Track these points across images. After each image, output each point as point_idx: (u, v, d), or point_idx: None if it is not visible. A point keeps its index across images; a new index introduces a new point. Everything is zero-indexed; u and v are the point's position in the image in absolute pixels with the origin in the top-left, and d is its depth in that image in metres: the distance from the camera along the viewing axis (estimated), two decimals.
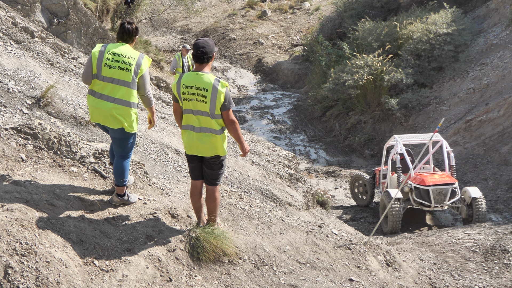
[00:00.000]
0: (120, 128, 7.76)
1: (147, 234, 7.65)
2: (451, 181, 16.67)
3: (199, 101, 7.43)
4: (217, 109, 7.45)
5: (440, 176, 17.03)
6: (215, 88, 7.39)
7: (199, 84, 7.42)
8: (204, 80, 7.42)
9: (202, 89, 7.40)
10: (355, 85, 25.25)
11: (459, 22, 25.39)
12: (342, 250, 9.53)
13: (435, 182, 16.63)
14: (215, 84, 7.40)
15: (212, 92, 7.38)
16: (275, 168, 13.75)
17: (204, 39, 7.56)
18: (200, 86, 7.41)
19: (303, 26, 40.09)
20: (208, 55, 7.50)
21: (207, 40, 7.54)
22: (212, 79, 7.43)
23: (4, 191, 7.11)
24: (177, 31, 42.20)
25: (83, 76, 7.86)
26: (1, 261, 5.93)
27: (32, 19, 18.32)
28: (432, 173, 17.56)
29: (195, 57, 7.53)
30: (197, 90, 7.41)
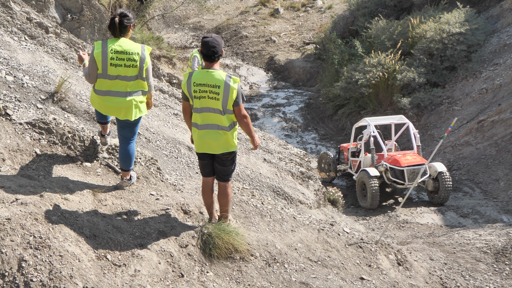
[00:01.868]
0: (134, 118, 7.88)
1: (159, 229, 7.67)
2: (422, 162, 18.86)
3: (211, 98, 7.43)
4: (230, 105, 7.46)
5: (412, 157, 19.20)
6: (227, 85, 7.39)
7: (211, 81, 7.41)
8: (216, 77, 7.43)
9: (214, 86, 7.39)
10: (367, 83, 25.22)
11: (472, 22, 25.33)
12: (353, 249, 9.53)
13: (409, 163, 18.83)
14: (227, 81, 7.40)
15: (225, 89, 7.39)
16: (287, 166, 13.76)
17: (213, 37, 7.52)
18: (212, 83, 7.40)
19: (316, 24, 40.04)
20: (218, 53, 7.50)
21: (216, 38, 7.51)
22: (223, 76, 7.44)
23: (18, 185, 7.15)
24: (190, 28, 42.24)
25: (88, 78, 7.90)
26: (15, 254, 5.97)
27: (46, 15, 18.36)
28: (403, 154, 19.69)
29: (205, 56, 7.50)
30: (209, 88, 7.41)
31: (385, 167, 19.04)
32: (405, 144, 22.61)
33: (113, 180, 8.61)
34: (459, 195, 18.80)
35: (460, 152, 21.26)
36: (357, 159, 20.92)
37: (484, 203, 17.96)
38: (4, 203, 6.59)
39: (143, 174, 8.95)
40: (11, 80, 10.04)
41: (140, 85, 7.88)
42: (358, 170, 20.23)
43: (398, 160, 19.00)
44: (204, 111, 7.52)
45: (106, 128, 8.82)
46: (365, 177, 18.88)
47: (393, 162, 19.04)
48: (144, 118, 11.96)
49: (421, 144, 20.36)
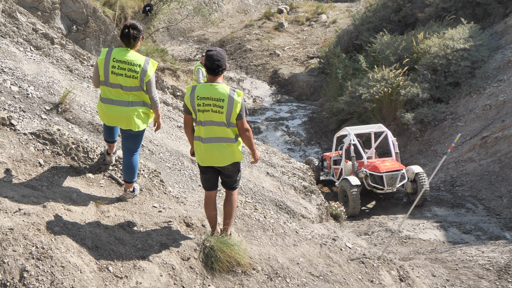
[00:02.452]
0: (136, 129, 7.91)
1: (161, 242, 7.67)
2: (400, 168, 20.05)
3: (215, 111, 7.43)
4: (233, 118, 7.47)
5: (390, 164, 20.27)
6: (231, 98, 7.40)
7: (215, 95, 7.42)
8: (220, 90, 7.43)
9: (218, 100, 7.40)
10: (371, 98, 25.25)
11: (476, 38, 25.39)
12: (355, 264, 9.51)
13: (387, 169, 19.92)
14: (231, 94, 7.41)
15: (229, 102, 7.39)
16: (290, 180, 13.75)
17: (217, 50, 7.52)
18: (216, 97, 7.41)
19: (320, 38, 40.11)
20: (222, 67, 7.51)
21: (220, 52, 7.51)
22: (227, 89, 7.45)
23: (21, 195, 7.16)
24: (194, 41, 42.32)
25: (93, 82, 8.13)
26: (17, 264, 5.97)
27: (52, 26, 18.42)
28: (382, 160, 20.75)
29: (209, 69, 7.50)
30: (212, 101, 7.41)
31: (365, 173, 20.12)
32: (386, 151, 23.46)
33: (116, 191, 8.61)
34: (462, 211, 18.76)
35: (463, 168, 21.23)
36: (338, 167, 22.05)
37: (487, 219, 17.92)
38: (7, 213, 6.60)
39: (146, 186, 8.96)
40: (16, 90, 10.06)
41: (143, 96, 7.91)
42: (340, 177, 21.47)
43: (377, 166, 20.10)
44: (208, 124, 7.53)
45: (113, 147, 8.85)
46: (346, 186, 19.82)
47: (373, 168, 20.15)
48: (148, 130, 11.96)
49: (424, 159, 20.74)
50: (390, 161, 20.55)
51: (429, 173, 20.84)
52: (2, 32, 11.92)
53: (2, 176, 7.52)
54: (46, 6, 18.76)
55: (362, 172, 20.19)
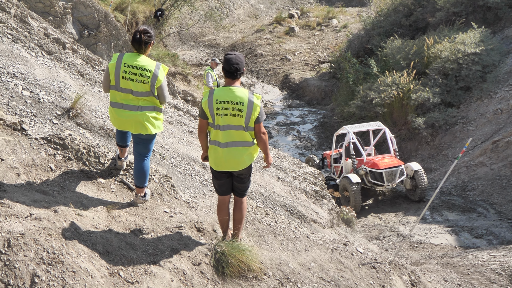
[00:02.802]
0: (146, 133, 7.90)
1: (172, 247, 7.66)
2: (399, 164, 20.67)
3: (234, 115, 7.40)
4: (252, 122, 7.44)
5: (389, 160, 20.85)
6: (250, 102, 7.38)
7: (234, 98, 7.39)
8: (239, 94, 7.40)
9: (238, 103, 7.37)
10: (382, 103, 25.21)
11: (487, 42, 25.30)
12: (367, 269, 9.47)
13: (387, 165, 20.53)
14: (250, 98, 7.39)
15: (248, 106, 7.37)
16: (301, 185, 13.73)
17: (236, 54, 7.49)
18: (236, 101, 7.38)
19: (331, 43, 40.12)
20: (240, 71, 7.48)
21: (239, 56, 7.49)
22: (246, 93, 7.43)
23: (32, 200, 7.16)
24: (205, 46, 42.38)
25: (102, 86, 8.11)
26: (28, 269, 5.97)
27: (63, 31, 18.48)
28: (381, 157, 21.34)
29: (227, 73, 7.48)
30: (232, 105, 7.38)
31: (365, 170, 20.79)
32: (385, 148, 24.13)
33: (127, 196, 8.61)
34: (473, 216, 18.68)
35: (474, 173, 21.15)
36: (339, 165, 22.75)
37: (499, 224, 17.83)
38: (18, 218, 6.60)
39: (157, 191, 8.96)
40: (28, 95, 10.09)
41: (153, 101, 7.91)
42: (340, 175, 22.21)
43: (376, 163, 20.71)
44: (226, 128, 7.50)
45: (124, 152, 8.85)
46: (347, 183, 20.33)
47: (372, 165, 20.77)
48: (159, 135, 11.98)
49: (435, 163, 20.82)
50: (389, 158, 21.17)
51: (441, 178, 20.79)
52: (14, 37, 11.97)
53: (13, 181, 7.53)
54: (58, 11, 18.82)
55: (362, 170, 20.87)
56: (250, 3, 49.03)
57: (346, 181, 20.48)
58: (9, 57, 11.08)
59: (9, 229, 6.30)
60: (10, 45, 11.63)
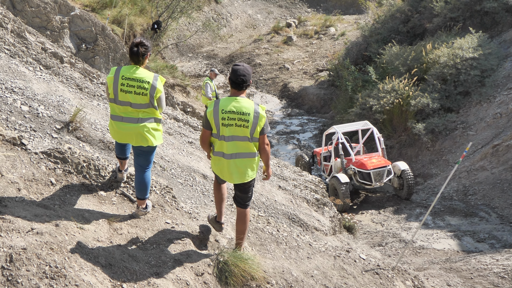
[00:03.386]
0: (147, 145, 7.90)
1: (175, 258, 7.65)
2: (386, 164, 21.48)
3: (239, 126, 7.41)
4: (257, 132, 7.45)
5: (377, 160, 21.63)
6: (256, 112, 7.39)
7: (240, 109, 7.39)
8: (245, 105, 7.41)
9: (244, 114, 7.37)
10: (381, 110, 25.21)
11: (485, 47, 25.32)
12: (370, 275, 9.46)
13: (374, 166, 21.34)
14: (256, 109, 7.40)
15: (254, 116, 7.37)
16: (302, 193, 13.72)
17: (244, 66, 7.49)
18: (242, 111, 7.38)
19: (329, 51, 40.15)
20: (247, 83, 7.49)
21: (247, 68, 7.49)
22: (252, 104, 7.43)
23: (34, 215, 7.15)
24: (203, 57, 42.42)
25: (108, 99, 8.11)
26: (31, 284, 5.95)
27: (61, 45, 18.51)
28: (369, 157, 22.06)
29: (234, 83, 7.48)
30: (238, 115, 7.38)
31: (354, 170, 21.71)
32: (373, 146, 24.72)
33: (129, 209, 8.60)
34: (475, 220, 18.66)
35: (475, 177, 21.14)
36: (328, 163, 23.44)
37: (501, 227, 17.81)
38: (20, 233, 6.59)
39: (158, 203, 8.95)
40: (26, 110, 10.10)
41: (153, 112, 7.91)
42: (330, 173, 23.03)
43: (364, 163, 21.51)
44: (231, 139, 7.50)
45: (124, 164, 8.86)
46: (336, 183, 21.05)
47: (360, 166, 21.60)
48: (159, 146, 11.98)
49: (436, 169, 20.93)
50: (376, 158, 21.97)
51: (442, 183, 20.77)
52: (11, 52, 11.99)
53: (14, 196, 7.53)
54: (55, 25, 18.86)
55: (350, 169, 21.81)
56: (247, 13, 49.10)
57: (335, 181, 21.18)
58: (7, 72, 11.10)
59: (11, 244, 6.29)
60: (8, 60, 11.65)
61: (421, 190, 21.85)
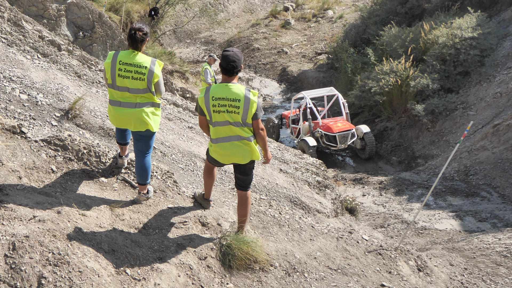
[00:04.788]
0: (147, 129, 7.88)
1: (178, 242, 7.66)
2: (350, 128, 23.87)
3: (230, 112, 7.39)
4: (249, 118, 7.43)
5: (342, 124, 23.92)
6: (247, 98, 7.36)
7: (230, 95, 7.37)
8: (235, 91, 7.39)
9: (234, 100, 7.35)
10: (381, 91, 25.16)
11: (484, 26, 25.19)
12: (373, 256, 9.47)
13: (340, 129, 23.65)
14: (246, 94, 7.37)
15: (245, 102, 7.35)
16: (303, 176, 13.71)
17: (234, 51, 7.46)
18: (232, 97, 7.37)
19: (327, 34, 40.05)
20: (237, 68, 7.47)
21: (236, 53, 7.46)
22: (242, 89, 7.41)
23: (35, 202, 7.15)
24: (201, 42, 42.32)
25: (106, 84, 8.08)
26: (35, 271, 5.96)
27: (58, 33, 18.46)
28: (335, 121, 24.31)
29: (224, 70, 7.46)
30: (228, 102, 7.37)
31: (320, 133, 23.98)
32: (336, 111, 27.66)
33: (130, 194, 8.60)
34: (477, 200, 18.66)
35: (476, 157, 21.11)
36: (296, 126, 25.69)
37: (503, 207, 17.81)
38: (22, 221, 6.59)
39: (159, 188, 8.95)
40: (25, 98, 10.08)
41: (151, 97, 7.89)
42: (298, 135, 25.40)
43: (330, 127, 23.78)
44: (223, 124, 7.50)
45: (125, 150, 8.85)
46: (305, 146, 23.30)
47: (327, 129, 23.91)
48: (159, 132, 11.97)
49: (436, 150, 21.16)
50: (341, 122, 24.24)
51: (443, 163, 20.76)
52: (8, 41, 11.95)
53: (15, 184, 7.52)
54: (52, 13, 18.80)
55: (317, 132, 24.04)
56: None
57: (304, 144, 23.42)
58: (4, 61, 11.07)
59: (13, 232, 6.29)
60: (5, 49, 11.62)
61: (422, 171, 21.82)
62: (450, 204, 18.65)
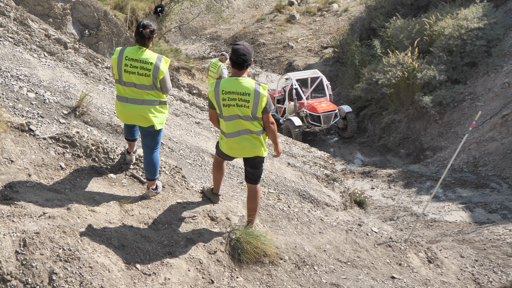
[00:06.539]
0: (151, 125, 7.88)
1: (187, 237, 7.67)
2: (334, 108, 25.32)
3: (240, 106, 7.39)
4: (259, 112, 7.43)
5: (326, 105, 25.30)
6: (257, 92, 7.35)
7: (240, 89, 7.37)
8: (245, 85, 7.38)
9: (243, 94, 7.35)
10: (388, 83, 25.09)
11: (490, 16, 25.07)
12: (382, 248, 9.46)
13: (324, 110, 25.00)
14: (256, 88, 7.36)
15: (255, 96, 7.34)
16: (311, 169, 13.71)
17: (244, 45, 7.44)
18: (242, 91, 7.36)
19: (332, 27, 39.99)
20: (248, 62, 7.45)
21: (247, 47, 7.44)
22: (252, 83, 7.39)
23: (45, 199, 7.17)
24: (207, 39, 42.34)
25: (114, 80, 8.07)
26: (45, 267, 5.98)
27: (64, 31, 18.48)
28: (319, 102, 25.71)
29: (234, 63, 7.45)
30: (238, 95, 7.36)
31: (305, 113, 25.16)
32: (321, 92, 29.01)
33: (139, 190, 8.62)
34: (486, 191, 18.62)
35: (485, 148, 21.06)
36: (282, 106, 27.06)
37: None
38: (32, 218, 6.61)
39: (168, 183, 8.96)
40: (33, 96, 10.10)
41: (158, 95, 7.89)
42: (283, 115, 26.83)
43: (315, 107, 25.08)
44: (233, 118, 7.50)
45: (133, 146, 8.86)
46: (290, 126, 24.55)
47: (311, 109, 25.17)
48: (167, 128, 11.99)
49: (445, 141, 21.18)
50: (325, 103, 25.62)
51: (451, 155, 20.72)
52: (15, 40, 11.97)
53: (25, 181, 7.54)
54: (57, 12, 18.82)
55: (302, 112, 25.24)
56: None
57: (289, 124, 24.64)
58: (11, 60, 11.09)
59: (23, 229, 6.32)
60: (12, 48, 11.64)
61: (431, 163, 21.78)
62: (460, 196, 18.61)
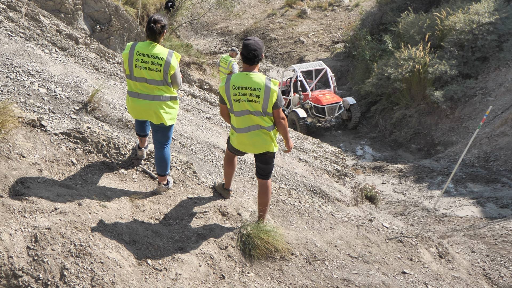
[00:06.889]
0: (162, 122, 7.89)
1: (198, 232, 7.68)
2: (338, 100, 25.70)
3: (251, 101, 7.38)
4: (270, 107, 7.42)
5: (330, 97, 25.71)
6: (267, 87, 7.34)
7: (251, 84, 7.36)
8: (255, 80, 7.37)
9: (254, 89, 7.34)
10: (400, 78, 25.02)
11: (502, 11, 24.95)
12: (393, 243, 9.45)
13: (328, 102, 25.42)
14: (267, 83, 7.35)
15: (265, 91, 7.33)
16: (322, 164, 13.70)
17: (255, 40, 7.44)
18: (252, 86, 7.35)
19: (343, 22, 39.93)
20: (258, 57, 7.44)
21: (258, 42, 7.43)
22: (263, 79, 7.38)
23: (56, 195, 7.19)
24: (218, 34, 42.34)
25: (125, 75, 8.08)
26: (57, 263, 6.00)
27: (75, 27, 18.50)
28: (324, 93, 26.09)
29: (245, 58, 7.44)
30: (248, 91, 7.36)
31: (310, 105, 25.68)
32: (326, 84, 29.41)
33: (150, 185, 8.63)
34: (498, 186, 18.56)
35: (496, 143, 20.99)
36: (286, 97, 27.44)
37: None
38: (44, 213, 6.63)
39: (179, 178, 8.97)
40: (44, 92, 10.12)
41: (168, 90, 7.89)
42: (288, 106, 27.13)
43: (320, 99, 25.51)
44: (243, 114, 7.50)
45: (144, 141, 8.87)
46: (295, 118, 25.02)
47: (316, 101, 25.60)
48: (178, 123, 12.00)
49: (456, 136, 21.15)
50: (330, 95, 26.03)
51: (462, 150, 20.66)
52: (26, 36, 12.00)
53: (36, 177, 7.56)
54: (68, 7, 18.84)
55: (307, 104, 25.81)
56: None
57: (294, 115, 25.09)
58: (23, 55, 11.12)
59: (35, 224, 6.34)
60: (23, 43, 11.67)
61: (442, 158, 21.72)
62: (471, 190, 18.56)
